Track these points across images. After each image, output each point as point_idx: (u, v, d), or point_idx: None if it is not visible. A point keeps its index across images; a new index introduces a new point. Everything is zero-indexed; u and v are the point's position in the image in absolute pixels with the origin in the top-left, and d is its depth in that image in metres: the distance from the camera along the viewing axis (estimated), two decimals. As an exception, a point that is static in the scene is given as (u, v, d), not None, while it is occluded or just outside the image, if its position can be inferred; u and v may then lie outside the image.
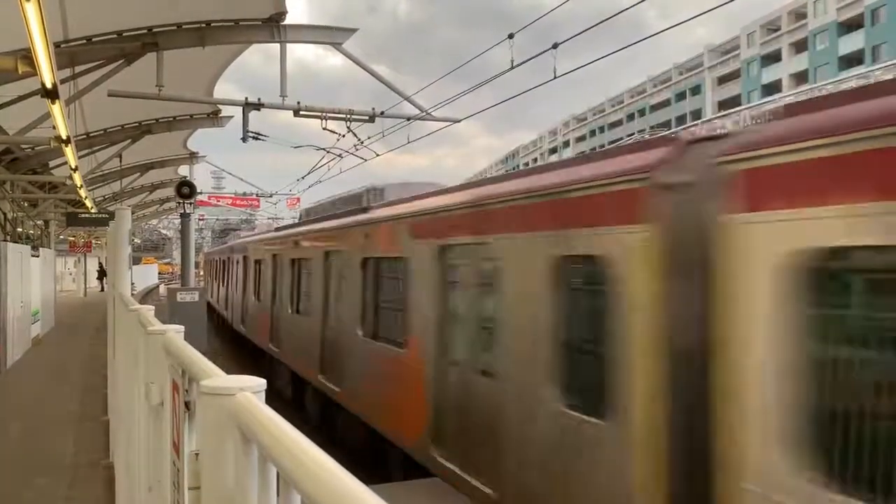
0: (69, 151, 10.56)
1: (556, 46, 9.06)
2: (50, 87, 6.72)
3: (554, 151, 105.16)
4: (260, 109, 12.39)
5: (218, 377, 1.57)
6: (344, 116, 12.89)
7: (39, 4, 4.85)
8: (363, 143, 14.38)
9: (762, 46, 66.42)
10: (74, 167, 12.75)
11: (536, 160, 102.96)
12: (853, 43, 56.10)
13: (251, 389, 1.39)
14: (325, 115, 12.71)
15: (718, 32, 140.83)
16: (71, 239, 36.97)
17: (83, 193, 16.89)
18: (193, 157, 24.54)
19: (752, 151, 3.31)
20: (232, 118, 17.69)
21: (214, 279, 27.59)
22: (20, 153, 17.87)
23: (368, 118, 13.07)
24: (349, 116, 12.91)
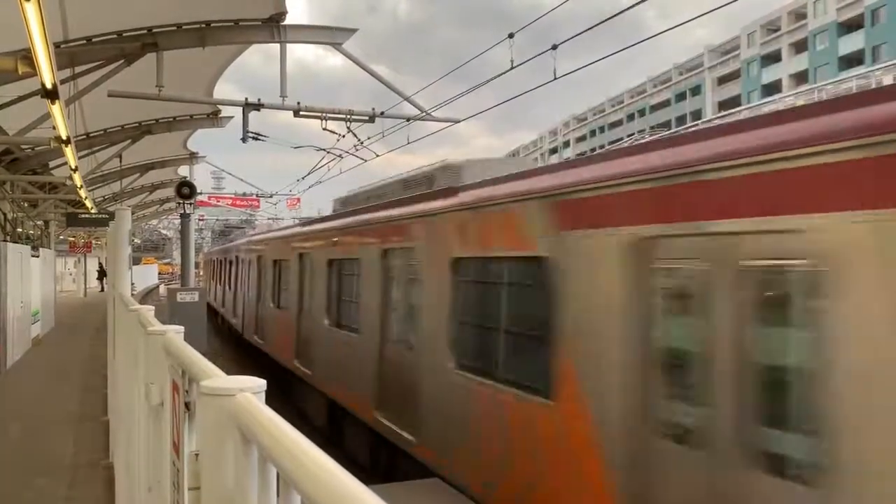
0: (69, 152, 10.56)
1: (555, 48, 9.05)
2: (50, 87, 6.72)
3: (554, 152, 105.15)
4: (260, 110, 12.40)
5: (218, 378, 1.57)
6: (344, 117, 12.89)
7: (39, 4, 4.85)
8: (363, 143, 14.39)
9: (762, 47, 66.41)
10: (74, 167, 12.75)
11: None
12: (853, 43, 56.10)
13: (251, 390, 1.40)
14: (325, 115, 12.72)
15: (718, 33, 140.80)
16: (71, 239, 36.95)
17: (83, 194, 16.88)
18: (193, 157, 24.53)
19: None
20: (232, 118, 17.68)
21: (218, 282, 25.99)
22: (20, 153, 17.85)
23: (368, 118, 13.07)
24: (349, 117, 12.92)
